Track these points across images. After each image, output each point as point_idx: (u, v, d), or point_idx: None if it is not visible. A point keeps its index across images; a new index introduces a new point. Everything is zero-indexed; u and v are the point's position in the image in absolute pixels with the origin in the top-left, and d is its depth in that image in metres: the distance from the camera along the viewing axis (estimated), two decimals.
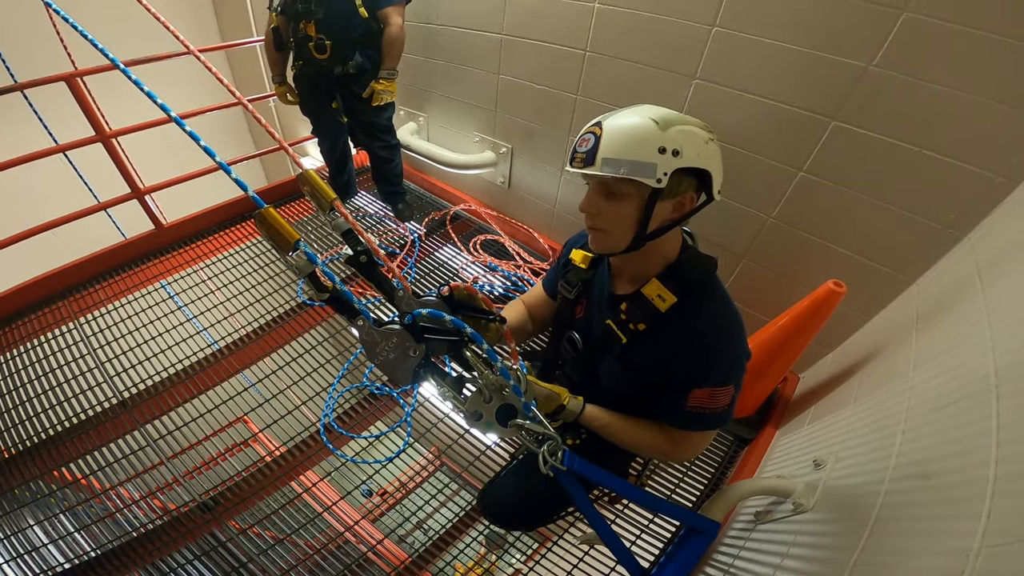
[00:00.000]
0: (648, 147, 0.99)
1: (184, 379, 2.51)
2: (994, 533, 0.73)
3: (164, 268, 3.01)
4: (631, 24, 2.18)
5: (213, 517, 2.07)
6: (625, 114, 1.05)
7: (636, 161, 0.99)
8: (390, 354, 1.04)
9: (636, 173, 0.99)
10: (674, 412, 1.17)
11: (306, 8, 2.55)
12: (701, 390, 1.11)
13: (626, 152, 1.00)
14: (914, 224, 1.77)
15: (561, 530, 2.05)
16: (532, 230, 3.28)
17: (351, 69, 2.71)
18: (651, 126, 0.99)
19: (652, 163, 0.98)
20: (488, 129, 3.15)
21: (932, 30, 1.52)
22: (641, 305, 1.12)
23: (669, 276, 1.12)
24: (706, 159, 1.02)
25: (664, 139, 0.98)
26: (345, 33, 2.63)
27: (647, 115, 1.02)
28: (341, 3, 2.55)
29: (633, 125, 1.01)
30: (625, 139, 1.01)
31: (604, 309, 1.24)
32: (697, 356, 1.10)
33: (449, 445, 2.45)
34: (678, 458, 1.30)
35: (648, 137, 0.99)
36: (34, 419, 2.25)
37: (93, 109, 2.59)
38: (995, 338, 1.08)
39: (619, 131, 1.02)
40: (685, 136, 1.00)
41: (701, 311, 1.10)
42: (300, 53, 2.73)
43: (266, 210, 0.92)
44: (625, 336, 1.16)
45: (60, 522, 1.99)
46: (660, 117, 1.01)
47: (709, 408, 1.12)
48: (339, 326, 2.89)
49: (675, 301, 1.09)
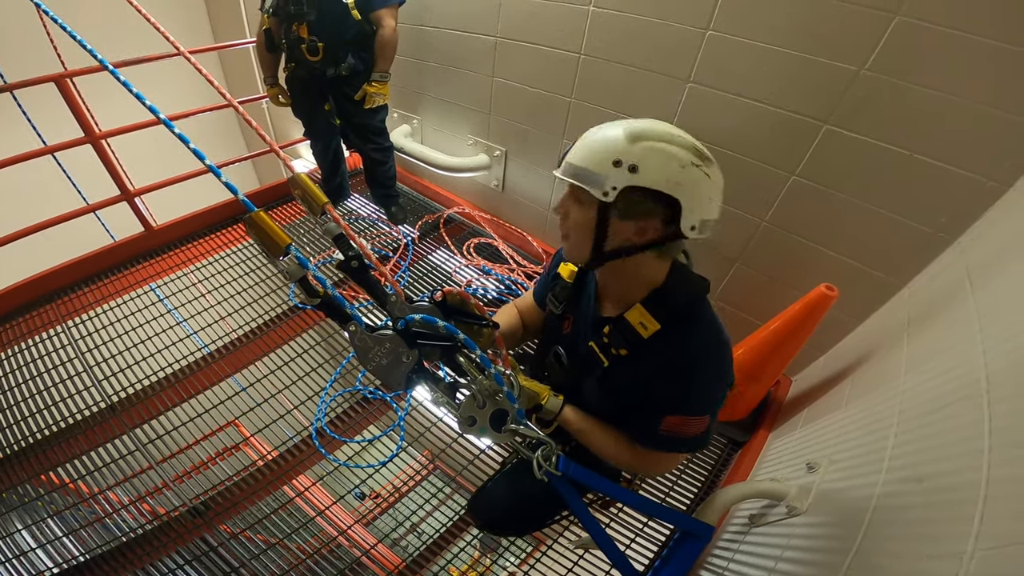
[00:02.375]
0: (603, 158, 0.95)
1: (175, 383, 2.48)
2: (987, 536, 0.73)
3: (154, 271, 2.98)
4: (626, 27, 2.19)
5: (204, 522, 2.05)
6: (616, 124, 1.01)
7: (586, 170, 0.97)
8: (383, 359, 1.03)
9: (583, 181, 0.97)
10: (646, 432, 1.15)
11: (298, 10, 2.53)
12: (675, 417, 1.10)
13: (583, 160, 0.98)
14: (905, 228, 1.78)
15: (556, 534, 2.04)
16: (526, 233, 3.28)
17: (343, 71, 2.70)
18: (618, 138, 0.95)
19: (601, 175, 0.95)
20: (482, 132, 3.15)
21: (924, 34, 1.54)
22: (624, 331, 1.10)
23: (654, 302, 1.08)
24: (677, 185, 0.93)
25: (624, 152, 0.94)
26: (337, 35, 2.62)
27: (628, 127, 0.97)
28: (333, 5, 2.55)
29: (605, 135, 0.98)
30: (589, 147, 0.98)
31: (588, 330, 1.23)
32: (675, 384, 1.08)
33: (443, 449, 2.44)
34: (645, 474, 1.29)
35: (609, 148, 0.95)
36: (22, 423, 2.22)
37: (83, 110, 2.57)
38: (986, 342, 1.09)
39: (592, 139, 0.99)
40: (653, 154, 0.93)
41: (684, 340, 1.07)
42: (292, 55, 2.72)
43: (256, 214, 0.91)
44: (607, 360, 1.14)
45: (48, 526, 1.96)
46: (635, 131, 0.95)
47: (680, 433, 1.11)
48: (331, 330, 2.87)
49: (658, 328, 1.06)
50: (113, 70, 1.03)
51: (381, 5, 2.63)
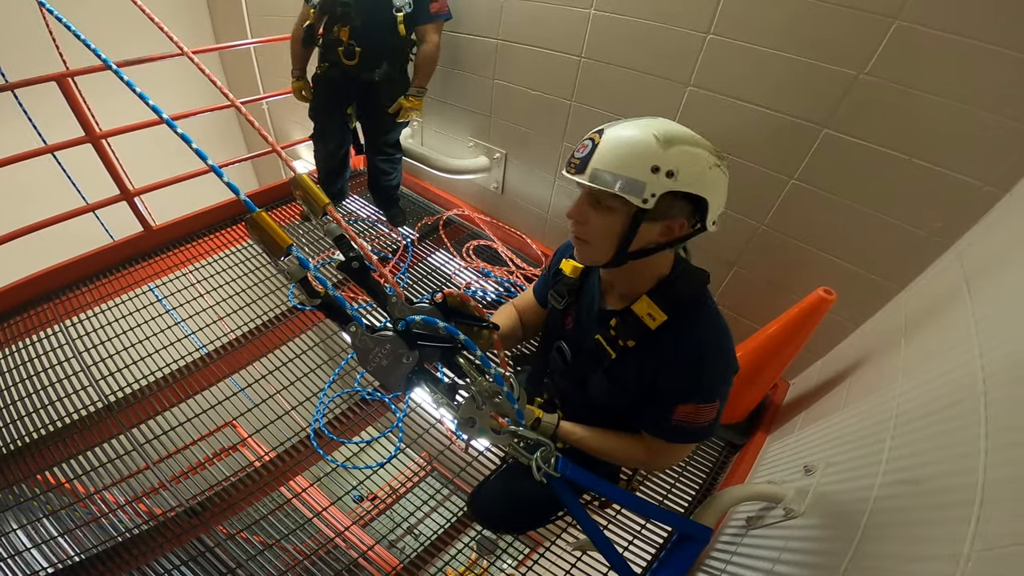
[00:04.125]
0: (641, 164, 0.94)
1: (172, 383, 2.48)
2: (984, 537, 0.73)
3: (153, 271, 2.98)
4: (626, 30, 2.20)
5: (200, 522, 2.05)
6: (630, 125, 1.00)
7: (625, 176, 0.95)
8: (383, 360, 1.02)
9: (622, 189, 0.95)
10: (658, 424, 1.16)
11: (344, 12, 2.52)
12: (687, 406, 1.10)
13: (616, 166, 0.96)
14: (903, 232, 1.79)
15: (554, 536, 2.04)
16: (525, 236, 3.28)
17: (378, 77, 2.69)
18: (650, 142, 0.94)
19: (641, 181, 0.94)
20: (482, 134, 3.16)
21: (923, 39, 1.54)
22: (631, 322, 1.10)
23: (660, 293, 1.09)
24: (706, 185, 0.96)
25: (661, 158, 0.93)
26: (377, 43, 2.61)
27: (651, 129, 0.96)
28: (382, 14, 2.53)
29: (632, 138, 0.96)
30: (619, 152, 0.96)
31: (594, 323, 1.23)
32: (685, 373, 1.09)
33: (441, 451, 2.44)
34: (657, 467, 1.30)
35: (644, 153, 0.94)
36: (18, 422, 2.21)
37: (83, 110, 2.56)
38: (983, 345, 1.09)
39: (616, 142, 0.97)
40: (686, 157, 0.94)
41: (691, 329, 1.08)
42: (327, 55, 2.71)
43: (258, 214, 0.91)
44: (614, 352, 1.14)
45: (44, 526, 1.96)
46: (664, 133, 0.95)
47: (694, 422, 1.12)
48: (330, 331, 2.87)
49: (665, 319, 1.07)
50: (117, 70, 1.03)
51: (428, 20, 2.62)
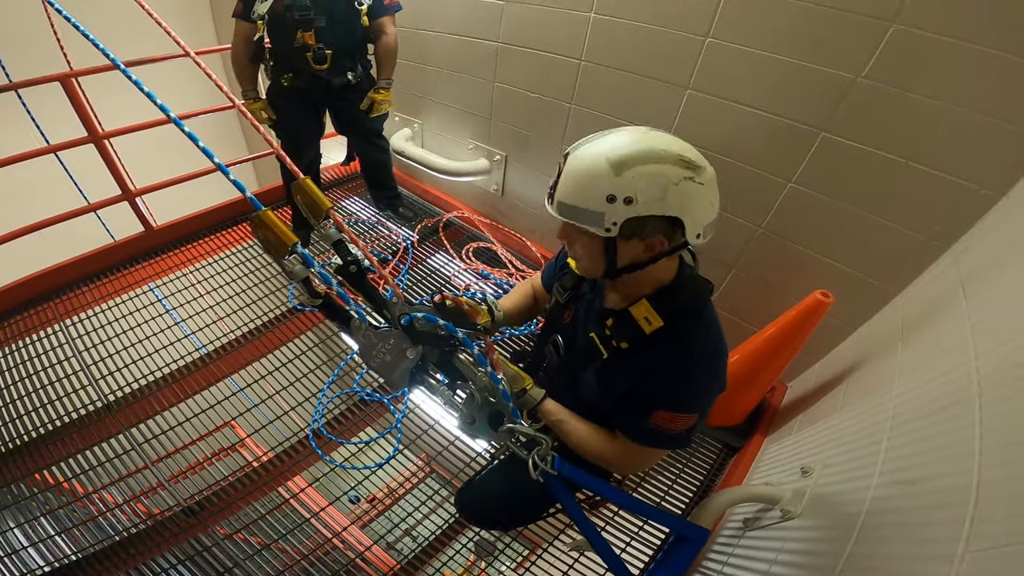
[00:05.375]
0: (596, 194, 0.92)
1: (171, 383, 2.48)
2: (978, 538, 0.74)
3: (153, 271, 2.98)
4: (626, 34, 2.21)
5: (198, 521, 2.05)
6: (590, 146, 0.97)
7: (582, 209, 0.94)
8: (386, 356, 1.03)
9: (583, 221, 0.95)
10: (632, 424, 1.15)
11: (305, 17, 2.43)
12: (665, 412, 1.10)
13: (574, 198, 0.95)
14: (900, 235, 1.80)
15: (551, 537, 2.04)
16: (524, 238, 3.29)
17: (354, 80, 2.68)
18: (602, 169, 0.92)
19: (599, 212, 0.93)
20: (482, 136, 3.17)
21: (920, 42, 1.55)
22: (627, 324, 1.10)
23: (660, 299, 1.08)
24: (672, 204, 0.92)
25: (615, 185, 0.91)
26: (345, 42, 2.59)
27: (606, 153, 0.93)
28: (345, 11, 2.52)
29: (586, 167, 0.94)
30: (577, 182, 0.95)
31: (591, 320, 1.24)
32: (672, 381, 1.09)
33: (439, 452, 2.44)
34: (622, 470, 1.29)
35: (597, 183, 0.92)
36: (17, 421, 2.22)
37: (87, 110, 2.58)
38: (978, 347, 1.10)
39: (573, 171, 0.96)
40: (642, 180, 0.90)
41: (686, 338, 1.08)
42: (290, 64, 2.60)
43: (264, 213, 0.92)
44: (607, 352, 1.14)
45: (41, 525, 1.96)
46: (618, 158, 0.91)
47: (667, 429, 1.11)
48: (328, 332, 2.88)
49: (661, 325, 1.07)
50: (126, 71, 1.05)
51: (385, 12, 2.63)
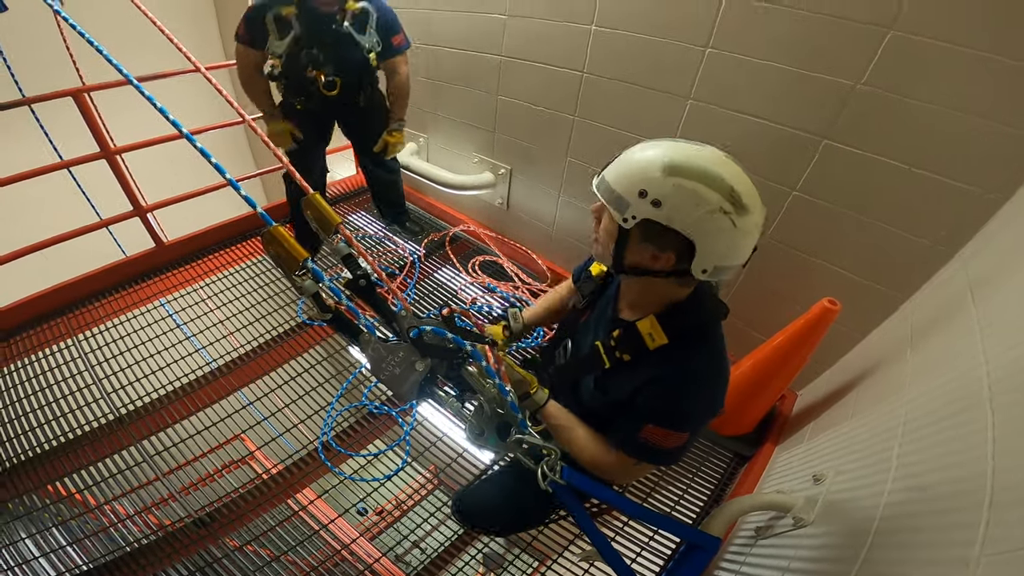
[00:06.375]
0: (633, 185, 0.95)
1: (182, 396, 2.50)
2: (993, 541, 0.73)
3: (164, 286, 3.01)
4: (627, 46, 2.23)
5: (209, 533, 2.05)
6: (661, 145, 0.99)
7: (615, 192, 0.98)
8: (395, 369, 1.04)
9: (610, 202, 0.99)
10: (624, 436, 1.16)
11: (313, 59, 2.48)
12: (657, 428, 1.10)
13: (615, 180, 0.99)
14: (906, 242, 1.80)
15: (561, 548, 2.03)
16: (530, 251, 3.30)
17: (362, 103, 2.73)
18: (653, 166, 0.94)
19: (627, 201, 0.96)
20: (487, 150, 3.19)
21: (917, 48, 1.56)
22: (632, 337, 1.11)
23: (667, 317, 1.09)
24: (695, 227, 0.93)
25: (653, 184, 0.93)
26: (355, 74, 2.63)
27: (669, 154, 0.95)
28: (353, 53, 2.53)
29: (644, 158, 0.97)
30: (625, 168, 0.99)
31: (600, 327, 1.25)
32: (668, 397, 1.09)
33: (448, 464, 2.44)
34: (611, 479, 1.30)
35: (640, 175, 0.95)
36: (29, 433, 2.24)
37: (99, 125, 2.61)
38: (988, 351, 1.10)
39: (630, 158, 1.00)
40: (681, 192, 0.92)
41: (688, 358, 1.09)
42: (301, 89, 2.61)
43: (275, 228, 0.94)
44: (609, 362, 1.15)
45: (53, 536, 1.97)
46: (673, 162, 0.94)
47: (658, 444, 1.12)
48: (337, 346, 2.89)
49: (665, 343, 1.08)
50: (139, 86, 1.07)
51: (395, 53, 2.67)
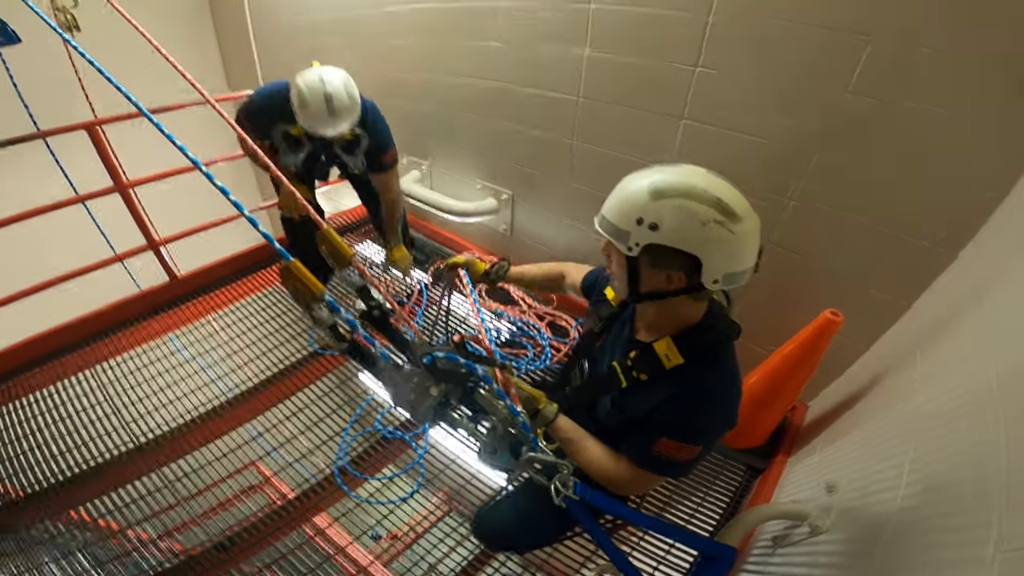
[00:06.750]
0: (627, 214, 1.01)
1: (199, 424, 2.52)
2: (1008, 538, 0.74)
3: (178, 319, 3.03)
4: (620, 70, 2.26)
5: (229, 557, 2.06)
6: (648, 173, 1.04)
7: (614, 225, 1.03)
8: (411, 395, 1.07)
9: (612, 236, 1.05)
10: (638, 448, 1.19)
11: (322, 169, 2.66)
12: (672, 441, 1.13)
13: (612, 214, 1.04)
14: (906, 246, 1.80)
15: (577, 565, 2.02)
16: None
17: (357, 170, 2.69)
18: (642, 193, 0.99)
19: (626, 231, 1.01)
20: (489, 176, 3.21)
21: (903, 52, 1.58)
22: (649, 358, 1.15)
23: (683, 338, 1.13)
24: (696, 242, 0.97)
25: (646, 210, 0.98)
26: None
27: (653, 180, 1.00)
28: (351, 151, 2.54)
29: (631, 188, 1.03)
30: (618, 201, 1.04)
31: (618, 348, 1.29)
32: (683, 412, 1.13)
33: (462, 486, 2.44)
34: (623, 490, 1.31)
35: (633, 204, 1.00)
36: (51, 461, 2.26)
37: (111, 158, 2.63)
38: (995, 350, 1.11)
39: (620, 191, 1.06)
40: (674, 211, 0.96)
41: (703, 376, 1.12)
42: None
43: (293, 264, 0.96)
44: (626, 381, 1.19)
45: (77, 560, 1.97)
46: (658, 186, 0.99)
47: (671, 457, 1.15)
48: (348, 374, 2.90)
49: (681, 362, 1.11)
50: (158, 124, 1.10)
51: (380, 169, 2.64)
